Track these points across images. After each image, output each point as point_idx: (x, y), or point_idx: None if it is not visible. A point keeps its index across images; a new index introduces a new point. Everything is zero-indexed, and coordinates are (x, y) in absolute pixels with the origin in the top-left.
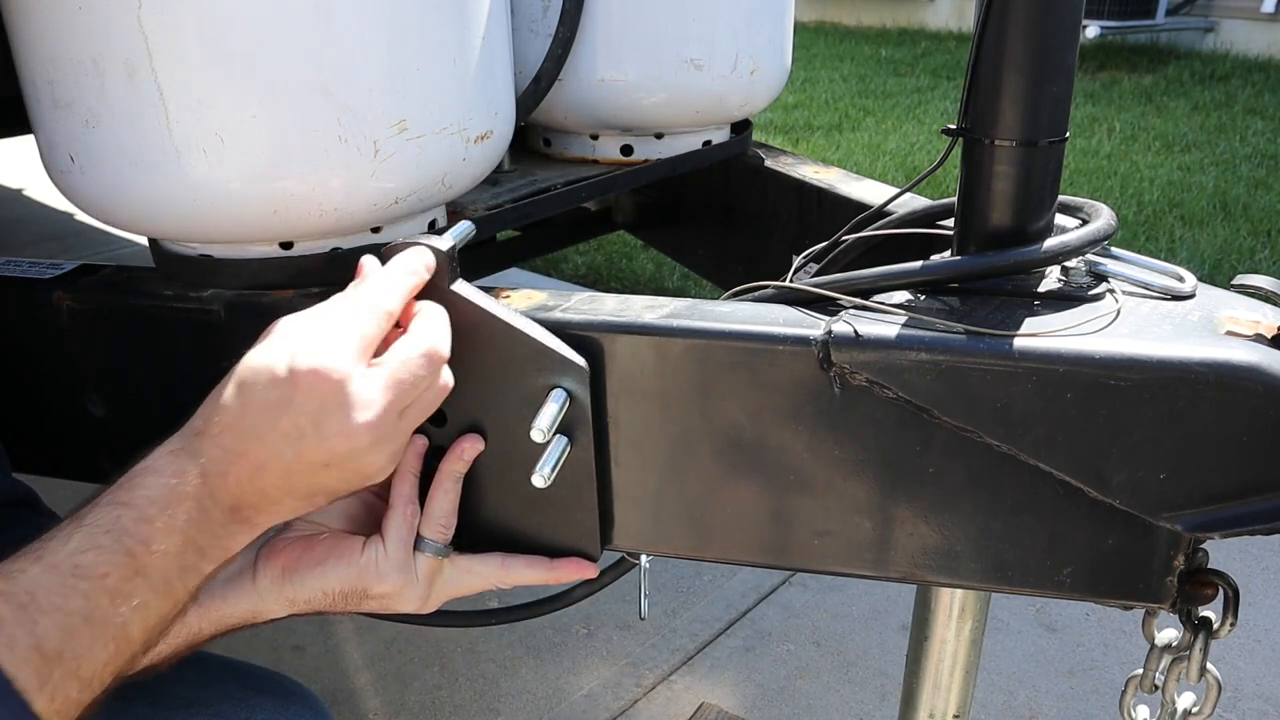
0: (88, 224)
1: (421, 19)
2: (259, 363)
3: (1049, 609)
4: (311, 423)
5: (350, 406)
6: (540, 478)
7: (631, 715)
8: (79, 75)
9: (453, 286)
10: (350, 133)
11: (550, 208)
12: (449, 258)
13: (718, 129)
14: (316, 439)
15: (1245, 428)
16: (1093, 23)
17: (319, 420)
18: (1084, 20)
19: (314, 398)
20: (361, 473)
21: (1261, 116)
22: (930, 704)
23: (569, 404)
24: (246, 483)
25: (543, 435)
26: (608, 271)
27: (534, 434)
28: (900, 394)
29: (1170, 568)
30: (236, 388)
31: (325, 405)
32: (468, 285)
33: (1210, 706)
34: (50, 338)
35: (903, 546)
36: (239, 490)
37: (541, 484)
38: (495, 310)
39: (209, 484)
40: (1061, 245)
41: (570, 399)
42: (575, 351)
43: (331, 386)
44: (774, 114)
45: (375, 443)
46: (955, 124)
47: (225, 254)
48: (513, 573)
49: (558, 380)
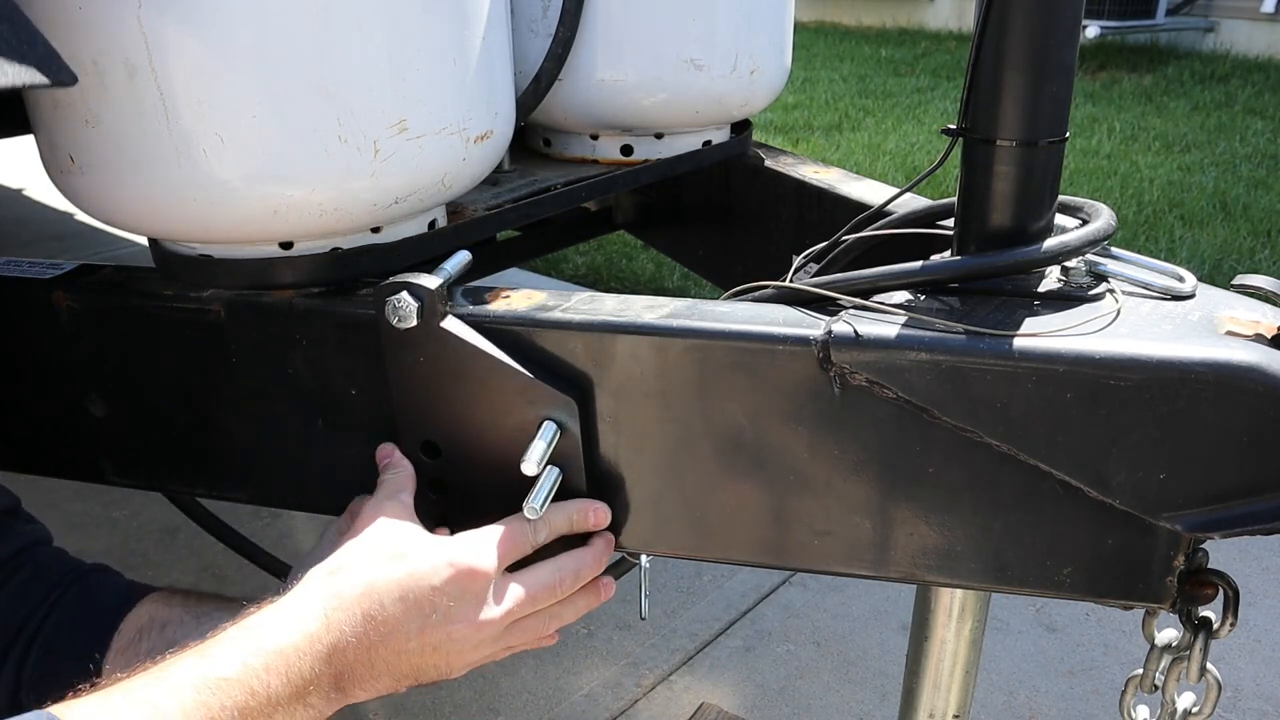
0: (88, 224)
1: (421, 19)
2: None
3: (1049, 609)
4: (446, 602)
5: (483, 603)
6: (531, 510)
7: (631, 715)
8: (79, 75)
9: (443, 324)
10: (350, 133)
11: (550, 208)
12: (441, 295)
13: (718, 129)
14: (443, 618)
15: (1245, 428)
16: (1093, 23)
17: (453, 602)
18: (1084, 20)
19: (460, 583)
20: (454, 664)
21: (1261, 116)
22: (930, 704)
23: (560, 435)
24: (364, 651)
25: (534, 469)
26: (608, 271)
27: (525, 467)
28: (900, 394)
29: (1170, 568)
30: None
31: (466, 591)
32: (458, 322)
33: (1210, 706)
34: (50, 338)
35: (903, 546)
36: (354, 659)
37: (533, 516)
38: (484, 347)
39: (332, 646)
40: (1061, 245)
41: (561, 431)
42: (565, 382)
43: (477, 581)
44: (774, 114)
45: (484, 641)
46: (955, 124)
47: (225, 254)
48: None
49: (548, 412)
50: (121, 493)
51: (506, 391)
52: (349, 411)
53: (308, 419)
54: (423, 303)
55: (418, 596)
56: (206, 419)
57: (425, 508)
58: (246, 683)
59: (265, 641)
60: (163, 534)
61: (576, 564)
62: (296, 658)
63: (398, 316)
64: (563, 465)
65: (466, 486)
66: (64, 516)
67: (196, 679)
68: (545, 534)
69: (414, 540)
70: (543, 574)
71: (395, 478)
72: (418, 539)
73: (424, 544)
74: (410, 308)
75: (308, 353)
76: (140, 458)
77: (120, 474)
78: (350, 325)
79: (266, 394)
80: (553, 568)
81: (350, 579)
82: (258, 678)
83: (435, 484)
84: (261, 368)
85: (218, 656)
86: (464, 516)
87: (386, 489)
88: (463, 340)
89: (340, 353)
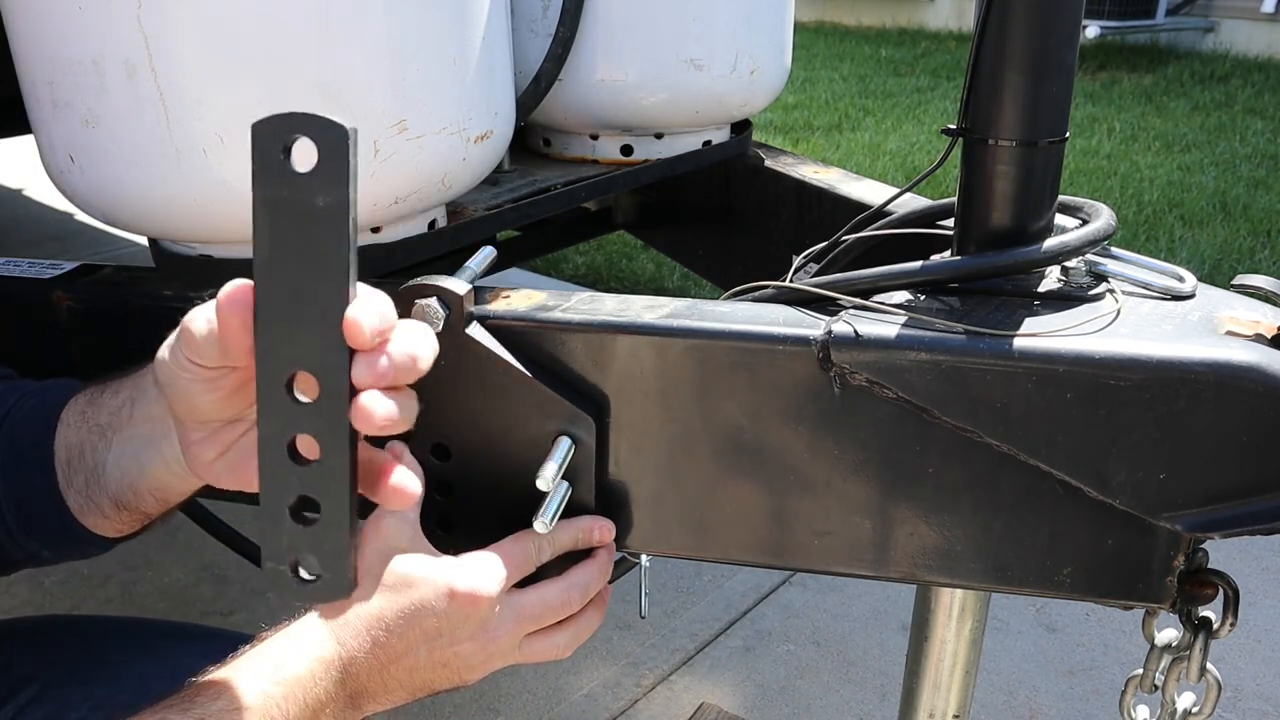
0: (88, 224)
1: (421, 19)
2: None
3: (1049, 609)
4: (451, 626)
5: (488, 625)
6: (542, 524)
7: (631, 715)
8: (79, 75)
9: (467, 330)
10: None
11: (550, 208)
12: (468, 300)
13: (718, 129)
14: (449, 640)
15: (1245, 428)
16: (1093, 23)
17: (457, 626)
18: (1084, 20)
19: (462, 609)
20: (466, 677)
21: (1261, 116)
22: (930, 704)
23: (574, 450)
24: (377, 672)
25: (548, 484)
26: (608, 271)
27: (539, 483)
28: (900, 394)
29: (1170, 568)
30: (396, 588)
31: (469, 616)
32: (483, 330)
33: (1210, 706)
34: (50, 338)
35: (903, 546)
36: (368, 679)
37: (543, 530)
38: (507, 358)
39: (345, 669)
40: (1061, 245)
41: (575, 446)
42: (583, 397)
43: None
44: (774, 114)
45: (494, 655)
46: (955, 124)
47: (225, 254)
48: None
49: (564, 426)
50: None
51: (525, 403)
52: None
53: None
54: (450, 309)
55: (423, 623)
56: None
57: (429, 509)
58: (267, 711)
59: (283, 670)
60: (163, 534)
61: (585, 579)
62: (312, 683)
63: (425, 320)
64: (572, 479)
65: (473, 491)
66: None
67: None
68: (550, 552)
69: (416, 567)
70: (550, 592)
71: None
72: (419, 565)
73: (426, 571)
74: (439, 314)
75: None
76: None
77: None
78: None
79: None
80: (562, 586)
81: (357, 607)
82: (277, 705)
83: (441, 486)
84: None
85: (238, 685)
86: (467, 520)
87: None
88: (486, 349)
89: None
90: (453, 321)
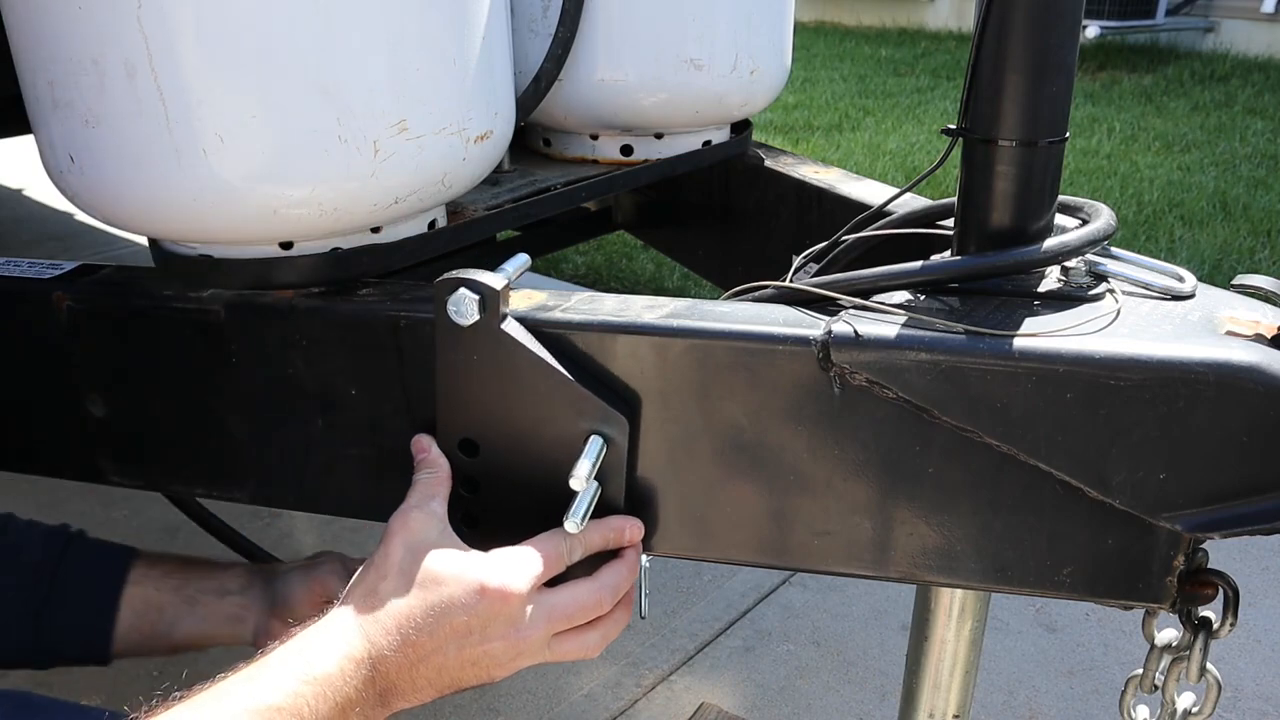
0: (88, 224)
1: (421, 19)
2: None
3: (1049, 609)
4: (481, 624)
5: (519, 623)
6: (573, 524)
7: (631, 715)
8: (79, 75)
9: (503, 326)
10: (350, 133)
11: (550, 208)
12: (504, 297)
13: (717, 129)
14: (479, 638)
15: (1245, 428)
16: (1093, 23)
17: (488, 623)
18: (1084, 20)
19: (493, 607)
20: (494, 674)
21: (1261, 116)
22: (930, 704)
23: (606, 450)
24: (406, 670)
25: (581, 484)
26: (608, 271)
27: (573, 482)
28: (900, 394)
29: (1170, 568)
30: (425, 585)
31: (499, 614)
32: (518, 326)
33: (1210, 706)
34: (50, 338)
35: (903, 546)
36: (397, 676)
37: (574, 529)
38: (543, 355)
39: (375, 668)
40: (1061, 245)
41: (607, 445)
42: (617, 397)
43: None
44: (774, 114)
45: (523, 654)
46: (955, 124)
47: (225, 254)
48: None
49: (597, 426)
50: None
51: (558, 401)
52: (349, 411)
53: (307, 419)
54: (484, 301)
55: (452, 621)
56: (206, 419)
57: (455, 505)
58: (297, 709)
59: (313, 667)
60: (163, 534)
61: (615, 579)
62: (342, 681)
63: (458, 313)
64: (602, 479)
65: (500, 488)
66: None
67: (249, 706)
68: (580, 552)
69: (446, 564)
70: (582, 592)
71: (429, 480)
72: (449, 562)
73: (456, 567)
74: (472, 306)
75: (308, 353)
76: (140, 458)
77: (120, 474)
78: (350, 325)
79: (266, 394)
80: (594, 585)
81: (387, 605)
82: (307, 704)
83: (468, 482)
84: (261, 368)
85: (269, 683)
86: (493, 516)
87: (419, 494)
88: (520, 345)
89: (340, 352)
90: (488, 316)
